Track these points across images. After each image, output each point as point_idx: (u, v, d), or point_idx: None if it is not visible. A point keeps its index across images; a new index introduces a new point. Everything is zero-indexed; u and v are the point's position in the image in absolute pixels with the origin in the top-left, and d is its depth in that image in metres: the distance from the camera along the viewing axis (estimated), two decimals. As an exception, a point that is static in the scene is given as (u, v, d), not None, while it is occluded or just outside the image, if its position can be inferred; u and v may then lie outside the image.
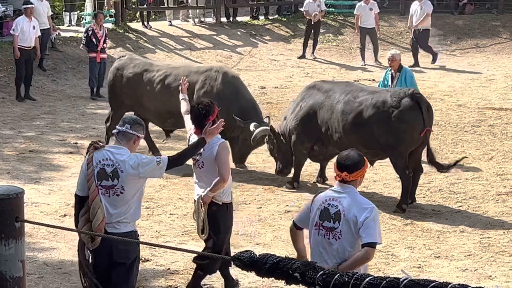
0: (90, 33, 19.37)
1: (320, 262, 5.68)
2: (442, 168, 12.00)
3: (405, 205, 11.61)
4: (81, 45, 20.08)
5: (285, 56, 24.65)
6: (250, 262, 5.00)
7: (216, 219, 8.22)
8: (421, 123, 11.51)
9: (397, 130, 11.52)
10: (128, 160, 7.03)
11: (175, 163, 7.23)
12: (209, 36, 25.39)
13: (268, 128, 12.80)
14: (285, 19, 27.51)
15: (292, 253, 9.70)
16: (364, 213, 6.27)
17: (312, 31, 24.11)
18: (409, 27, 23.67)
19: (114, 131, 7.29)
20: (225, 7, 26.84)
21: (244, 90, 13.37)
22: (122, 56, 14.60)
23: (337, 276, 4.40)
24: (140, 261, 9.18)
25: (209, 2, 27.02)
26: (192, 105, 8.42)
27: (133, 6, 26.52)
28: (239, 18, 27.23)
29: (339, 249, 6.28)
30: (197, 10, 26.66)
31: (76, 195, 7.31)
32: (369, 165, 6.66)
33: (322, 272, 4.41)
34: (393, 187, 12.81)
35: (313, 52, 24.32)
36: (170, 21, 26.25)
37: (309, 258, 6.47)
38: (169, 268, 9.35)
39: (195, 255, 8.33)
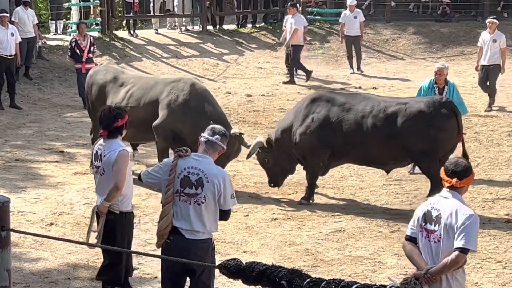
0: (73, 44, 19.25)
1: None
2: None
3: None
4: (67, 56, 20.02)
5: (271, 64, 24.67)
6: (236, 270, 5.01)
7: (112, 228, 8.15)
8: (457, 130, 11.73)
9: (436, 138, 11.61)
10: (217, 175, 7.14)
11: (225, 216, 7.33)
12: (196, 44, 25.39)
13: (262, 141, 12.40)
14: (271, 27, 27.54)
15: (279, 261, 9.73)
16: (463, 219, 6.30)
17: None
18: (281, 41, 23.17)
19: (202, 139, 7.32)
20: (212, 15, 26.85)
21: (214, 102, 12.98)
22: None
23: (324, 283, 4.41)
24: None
25: (195, 11, 27.03)
26: (104, 107, 8.50)
27: (119, 15, 26.48)
28: (225, 26, 27.24)
29: (436, 251, 6.41)
30: (183, 18, 26.67)
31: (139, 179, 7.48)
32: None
33: (308, 279, 4.42)
34: (379, 194, 12.83)
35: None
36: (157, 30, 26.23)
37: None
38: (156, 277, 9.33)
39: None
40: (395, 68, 24.93)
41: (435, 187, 11.61)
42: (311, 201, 12.35)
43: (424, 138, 11.62)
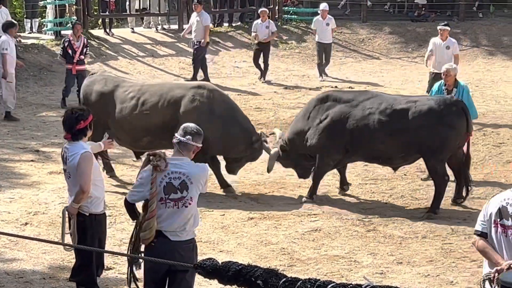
0: (66, 44, 18.96)
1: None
2: (467, 180, 12.04)
3: (437, 210, 11.77)
4: (59, 55, 19.79)
5: (248, 63, 24.62)
6: (212, 269, 5.01)
7: (82, 230, 8.11)
8: (465, 130, 11.82)
9: (444, 136, 11.69)
10: (199, 174, 7.19)
11: None
12: (172, 43, 25.33)
13: (276, 151, 12.47)
14: (247, 26, 27.50)
15: (255, 260, 9.73)
16: None
17: (262, 54, 22.66)
18: (183, 35, 22.82)
19: (174, 140, 7.27)
20: (188, 14, 26.79)
21: (237, 108, 12.98)
22: (94, 73, 13.84)
23: (299, 283, 4.41)
24: (103, 270, 9.17)
25: (172, 9, 26.97)
26: (66, 109, 8.44)
27: (95, 13, 26.39)
28: (201, 25, 27.18)
29: None
30: (159, 17, 26.61)
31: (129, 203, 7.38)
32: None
33: (284, 279, 4.43)
34: (355, 194, 12.86)
35: (263, 77, 22.78)
36: (133, 28, 26.15)
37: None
38: (131, 276, 9.29)
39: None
40: (371, 68, 25.00)
41: (438, 190, 11.85)
42: (314, 199, 12.32)
43: (433, 135, 11.66)
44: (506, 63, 25.27)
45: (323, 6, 23.18)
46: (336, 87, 21.62)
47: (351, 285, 4.19)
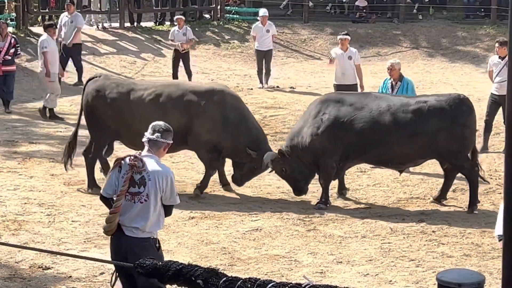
0: None
1: None
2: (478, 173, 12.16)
3: (478, 202, 11.96)
4: None
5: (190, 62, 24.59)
6: (152, 269, 4.99)
7: None
8: (475, 125, 12.07)
9: (462, 135, 11.81)
10: (158, 172, 7.25)
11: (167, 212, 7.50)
12: (113, 41, 25.15)
13: (274, 153, 12.30)
14: (189, 26, 27.43)
15: (196, 260, 9.71)
16: None
17: (182, 62, 21.86)
18: (60, 40, 21.45)
19: (144, 139, 7.42)
20: (129, 12, 26.65)
21: (249, 114, 12.83)
22: (97, 76, 13.13)
23: (240, 282, 4.42)
24: (41, 269, 9.06)
25: (113, 7, 26.77)
26: None
27: (35, 10, 26.08)
28: (143, 24, 27.07)
29: None
30: (100, 15, 26.41)
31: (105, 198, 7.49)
32: None
33: (225, 278, 4.43)
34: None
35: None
36: (74, 26, 25.87)
37: None
38: (70, 276, 9.22)
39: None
40: (312, 68, 25.13)
41: (472, 183, 11.94)
42: (328, 205, 12.17)
43: (450, 135, 11.75)
44: (445, 64, 25.62)
45: (262, 12, 22.43)
46: (278, 87, 21.70)
47: (291, 285, 4.21)
